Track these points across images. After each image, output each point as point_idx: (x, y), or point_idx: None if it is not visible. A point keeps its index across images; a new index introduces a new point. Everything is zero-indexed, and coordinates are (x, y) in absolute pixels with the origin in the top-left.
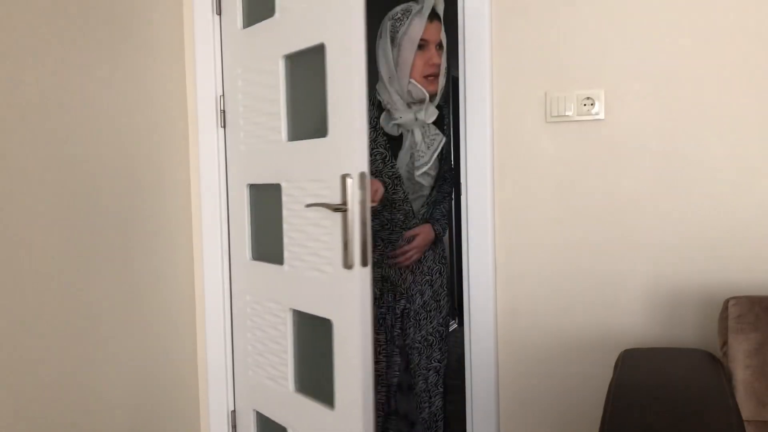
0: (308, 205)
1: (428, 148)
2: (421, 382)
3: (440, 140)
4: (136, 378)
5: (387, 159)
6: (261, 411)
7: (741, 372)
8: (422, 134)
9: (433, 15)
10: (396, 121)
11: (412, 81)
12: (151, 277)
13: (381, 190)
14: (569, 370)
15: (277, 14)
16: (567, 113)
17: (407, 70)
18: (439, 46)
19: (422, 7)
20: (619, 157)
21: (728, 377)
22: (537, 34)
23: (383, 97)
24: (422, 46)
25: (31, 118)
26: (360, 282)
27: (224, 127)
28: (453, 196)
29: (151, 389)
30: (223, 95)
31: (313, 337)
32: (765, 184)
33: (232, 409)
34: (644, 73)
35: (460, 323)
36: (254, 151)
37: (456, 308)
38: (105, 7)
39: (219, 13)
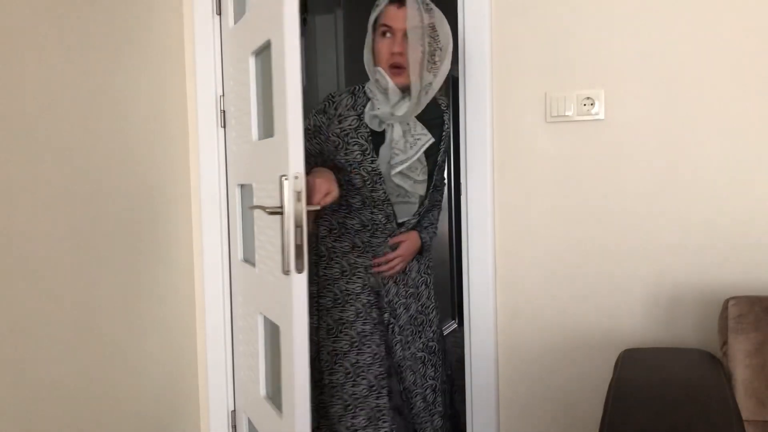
0: (250, 208)
1: (410, 147)
2: (419, 401)
3: (426, 141)
4: (136, 377)
5: (367, 152)
6: (247, 413)
7: (741, 372)
8: (403, 131)
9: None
10: (374, 112)
11: (378, 69)
12: (151, 276)
13: (334, 193)
14: (569, 371)
15: (247, 12)
16: (567, 113)
17: (371, 57)
18: (405, 34)
19: None
20: (619, 157)
21: (728, 377)
22: (537, 34)
23: (369, 86)
24: (386, 32)
25: (32, 120)
26: (296, 289)
27: (224, 127)
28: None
29: (152, 389)
30: (224, 95)
31: (278, 342)
32: (764, 183)
33: (233, 408)
34: (644, 73)
35: (460, 324)
36: (241, 150)
37: (456, 309)
38: (106, 8)
39: (219, 13)
